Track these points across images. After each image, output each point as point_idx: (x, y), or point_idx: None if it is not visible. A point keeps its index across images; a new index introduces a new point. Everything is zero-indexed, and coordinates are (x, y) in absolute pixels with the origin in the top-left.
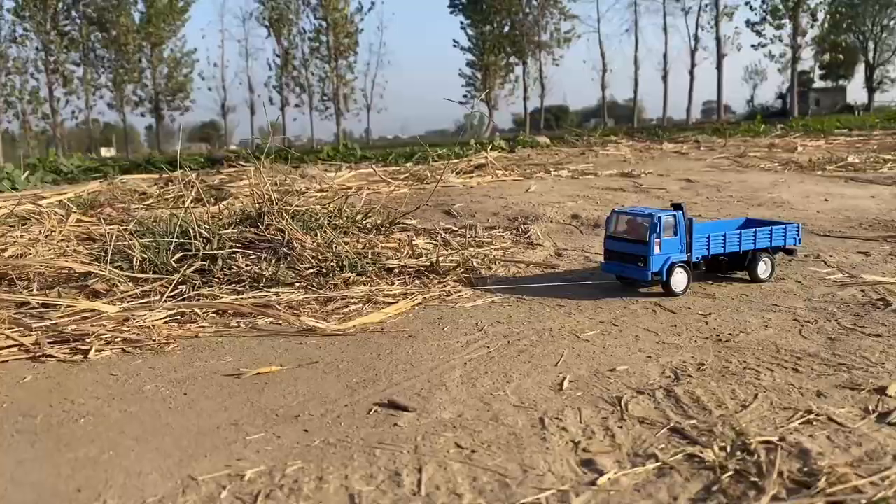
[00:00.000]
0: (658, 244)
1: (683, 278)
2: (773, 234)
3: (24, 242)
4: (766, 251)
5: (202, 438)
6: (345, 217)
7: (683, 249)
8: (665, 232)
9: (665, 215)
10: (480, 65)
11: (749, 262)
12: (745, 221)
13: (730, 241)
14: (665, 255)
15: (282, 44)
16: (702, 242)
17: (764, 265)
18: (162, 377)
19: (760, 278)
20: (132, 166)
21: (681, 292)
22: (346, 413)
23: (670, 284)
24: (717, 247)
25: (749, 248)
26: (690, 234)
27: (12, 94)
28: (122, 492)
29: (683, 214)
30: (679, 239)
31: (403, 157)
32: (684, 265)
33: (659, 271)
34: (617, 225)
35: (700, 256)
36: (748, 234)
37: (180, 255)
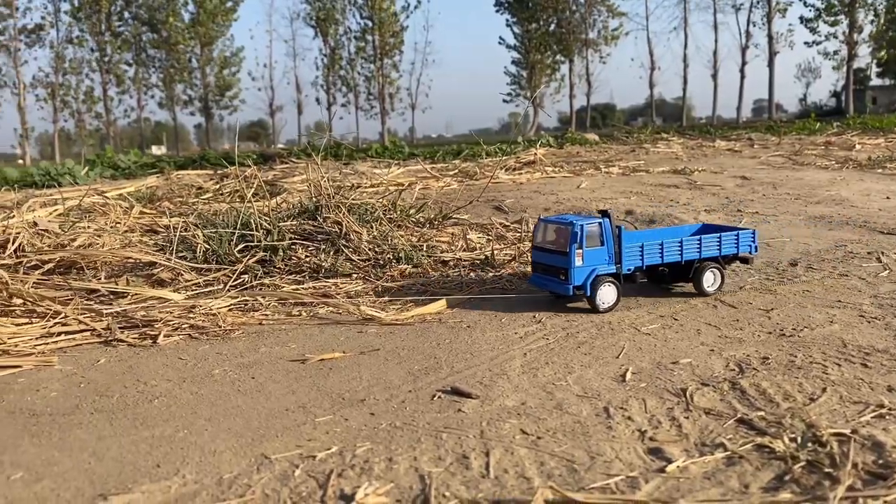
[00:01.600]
0: (580, 255)
1: (611, 293)
2: (723, 243)
3: (92, 233)
4: (715, 261)
5: (272, 420)
6: (398, 211)
7: (611, 261)
8: (589, 242)
9: (589, 223)
10: (526, 63)
11: (694, 272)
12: (701, 227)
13: (669, 250)
14: (589, 267)
15: (328, 43)
16: (634, 252)
17: (711, 276)
18: (229, 362)
19: (706, 291)
20: (187, 162)
21: (606, 309)
22: (411, 398)
23: (595, 300)
24: (652, 257)
25: (693, 257)
26: (619, 244)
27: (68, 93)
28: (199, 468)
29: (611, 222)
30: (606, 249)
31: (451, 154)
32: (613, 278)
33: (582, 285)
34: (542, 234)
35: (632, 268)
36: (691, 243)
37: (242, 246)
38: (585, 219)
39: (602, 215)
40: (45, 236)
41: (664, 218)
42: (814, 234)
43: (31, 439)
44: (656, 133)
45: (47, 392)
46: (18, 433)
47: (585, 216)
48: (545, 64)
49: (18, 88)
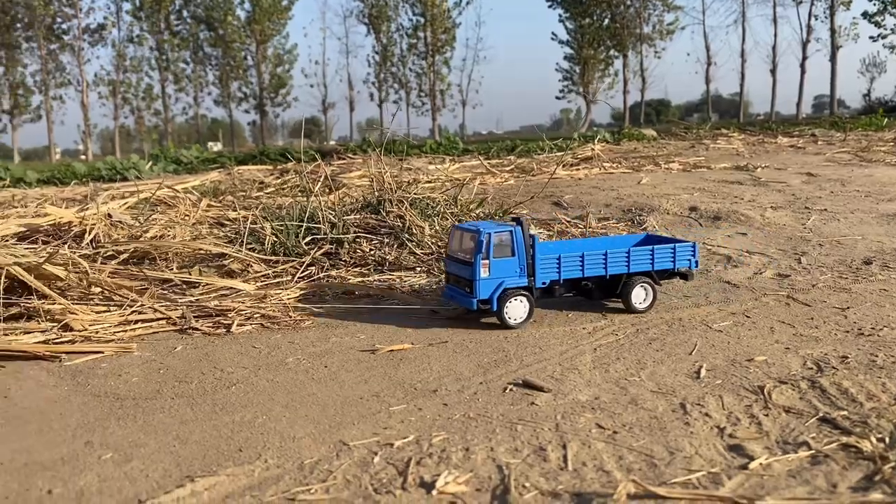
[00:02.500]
0: (486, 266)
1: (521, 308)
2: (656, 256)
3: (163, 225)
4: (647, 275)
5: (347, 408)
6: (459, 206)
7: (523, 273)
8: (497, 251)
9: (497, 231)
10: (579, 58)
11: (622, 288)
12: (644, 238)
13: (591, 263)
14: (496, 279)
15: (380, 40)
16: (549, 265)
17: (643, 293)
18: (301, 351)
19: (635, 308)
20: (247, 158)
21: (517, 325)
22: (482, 390)
23: (503, 315)
24: (571, 270)
25: (620, 271)
26: (532, 255)
27: (128, 90)
28: (280, 453)
29: (524, 230)
30: (517, 260)
31: (505, 149)
32: (525, 292)
33: (488, 299)
34: (454, 242)
35: (547, 281)
36: (617, 256)
37: (309, 239)
38: (495, 226)
39: (514, 223)
40: (120, 228)
41: (730, 215)
42: (887, 233)
43: (118, 422)
44: (716, 129)
45: (129, 377)
46: (105, 415)
47: (498, 223)
48: (598, 59)
49: (82, 86)
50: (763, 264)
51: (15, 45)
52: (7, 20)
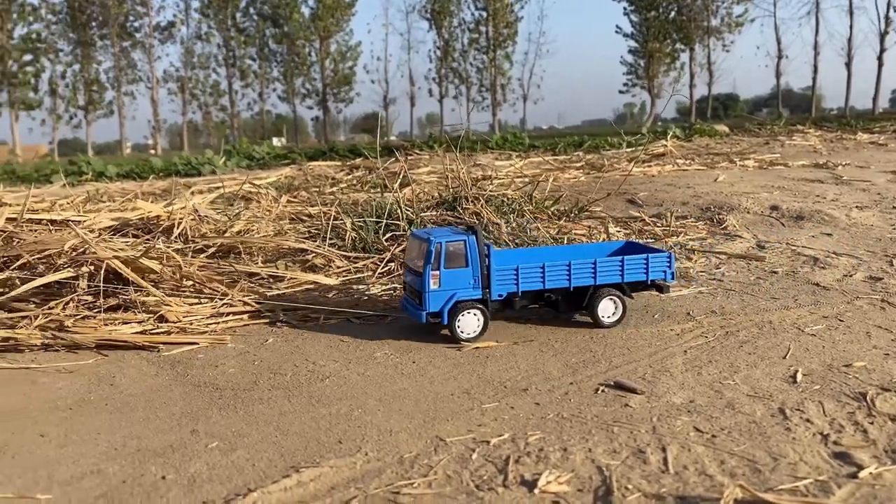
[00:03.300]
0: (436, 278)
1: (475, 322)
2: (626, 267)
3: (247, 220)
4: (618, 287)
5: (439, 403)
6: (534, 203)
7: (478, 284)
8: (450, 262)
9: (449, 240)
10: (644, 52)
11: (588, 300)
12: (623, 246)
13: (552, 274)
14: (448, 291)
15: (442, 35)
16: (507, 276)
17: (611, 306)
18: (389, 345)
19: (601, 322)
20: (317, 153)
21: (469, 339)
22: (573, 390)
23: (454, 329)
24: (531, 281)
25: (586, 283)
26: (488, 266)
27: (196, 87)
28: (379, 446)
29: (478, 239)
30: (470, 271)
31: (572, 145)
32: (479, 305)
33: (438, 312)
34: (410, 249)
35: (504, 293)
36: (581, 266)
37: (390, 235)
38: (447, 235)
39: (469, 231)
40: (206, 222)
41: (813, 214)
42: None
43: (220, 412)
44: (790, 125)
45: (225, 368)
46: (207, 405)
47: (452, 230)
48: (664, 53)
49: (152, 83)
50: (852, 266)
51: (90, 42)
52: (83, 19)
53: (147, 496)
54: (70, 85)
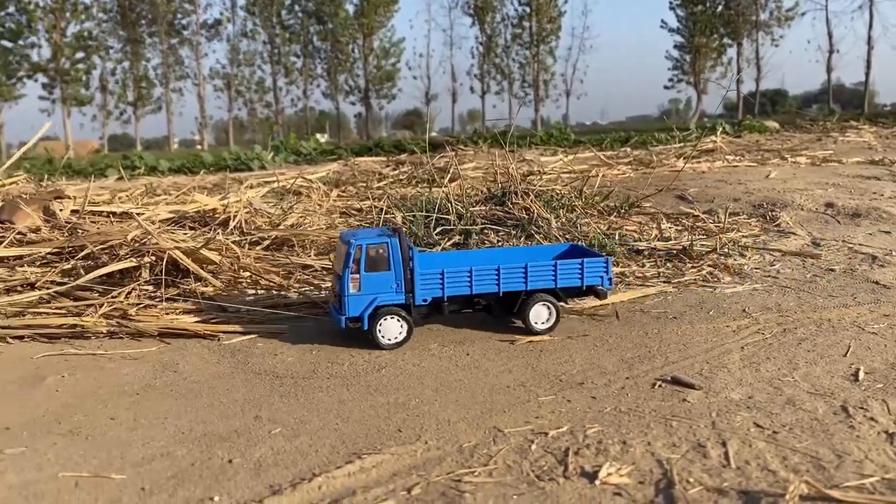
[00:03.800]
0: (355, 281)
1: (396, 327)
2: (559, 272)
3: (300, 213)
4: (552, 293)
5: (495, 395)
6: (584, 198)
7: (401, 289)
8: (371, 265)
9: (370, 242)
10: (690, 47)
11: (519, 305)
12: (569, 248)
13: (480, 278)
14: (369, 295)
15: (485, 31)
16: (431, 280)
17: (545, 311)
18: (442, 337)
19: (534, 328)
20: (362, 149)
21: (391, 346)
22: (630, 385)
23: (375, 335)
24: (457, 286)
25: (516, 288)
26: (411, 269)
27: (242, 83)
28: (438, 435)
29: (401, 241)
30: (393, 275)
31: (618, 141)
32: (402, 311)
33: (359, 317)
34: (337, 252)
35: (429, 298)
36: (512, 271)
37: (440, 230)
38: (369, 237)
39: (392, 232)
40: (260, 215)
41: (870, 212)
42: None
43: (281, 399)
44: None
45: (284, 357)
46: (268, 392)
47: (379, 231)
48: (710, 48)
49: (199, 79)
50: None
51: (139, 40)
52: (133, 17)
53: (215, 478)
54: (120, 81)
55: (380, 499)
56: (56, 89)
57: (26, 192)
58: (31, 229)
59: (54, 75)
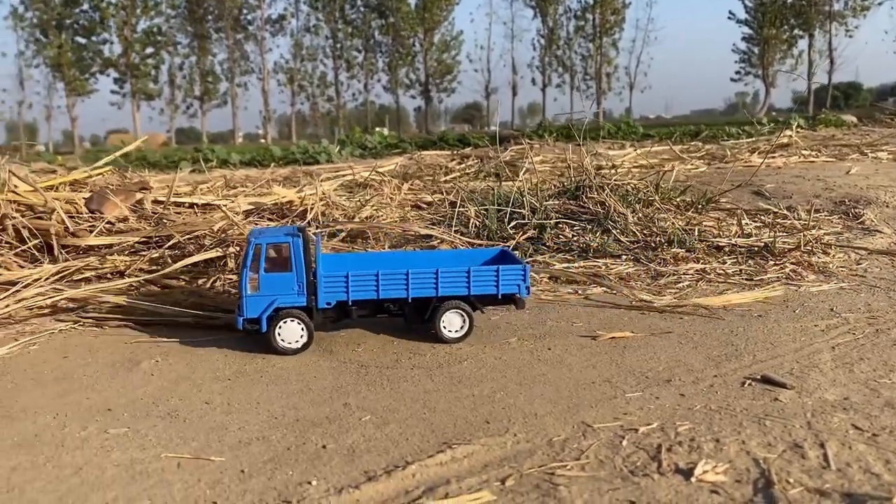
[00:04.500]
0: (254, 281)
1: (297, 331)
2: (473, 279)
3: (373, 206)
4: (464, 300)
5: (581, 391)
6: (660, 193)
7: (302, 291)
8: (270, 265)
9: (270, 241)
10: (759, 38)
11: (430, 312)
12: (498, 254)
13: (388, 282)
14: (268, 296)
15: (547, 23)
16: (336, 283)
17: (457, 319)
18: (521, 332)
19: (445, 337)
20: (426, 143)
21: (292, 351)
22: (719, 383)
23: (274, 338)
24: (363, 290)
25: (426, 294)
26: (313, 271)
27: (305, 78)
28: (526, 428)
29: (304, 241)
30: (294, 276)
31: (688, 135)
32: (303, 314)
33: (257, 319)
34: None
35: (333, 302)
36: (422, 276)
37: (514, 223)
38: (270, 236)
39: (296, 232)
40: (336, 208)
41: None
42: None
43: (368, 387)
44: None
45: (367, 347)
46: (355, 381)
47: (284, 230)
48: (781, 39)
49: (263, 74)
50: None
51: (206, 35)
52: (200, 13)
53: (311, 463)
54: (187, 76)
55: (474, 488)
56: (126, 84)
57: (112, 183)
58: (118, 219)
59: (125, 70)
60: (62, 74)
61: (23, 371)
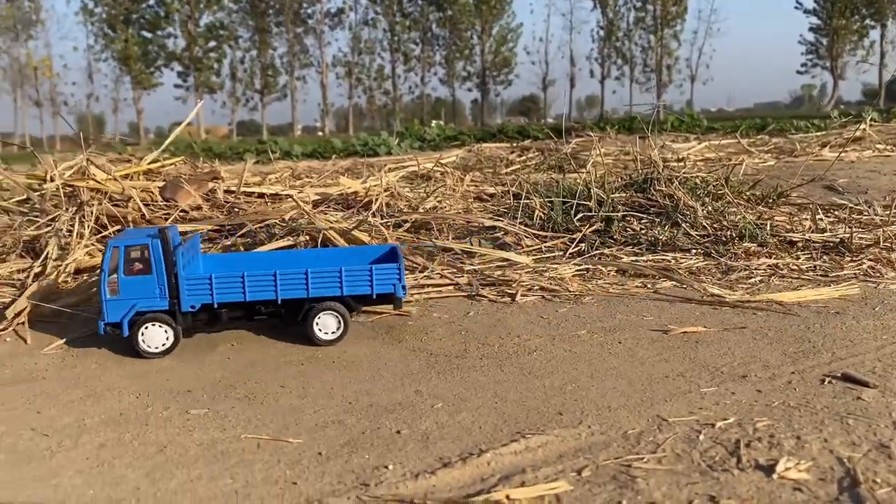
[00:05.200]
0: (113, 284)
1: (161, 335)
2: (345, 279)
3: (437, 197)
4: (338, 301)
5: (654, 384)
6: (729, 187)
7: (164, 294)
8: (129, 267)
9: (128, 243)
10: (827, 29)
11: (303, 314)
12: (389, 251)
13: (254, 284)
14: (129, 300)
15: (606, 15)
16: (199, 286)
17: (331, 321)
18: (590, 325)
19: (318, 339)
20: (485, 135)
21: (155, 355)
22: (797, 380)
23: (137, 342)
24: (228, 292)
25: (297, 295)
26: (174, 273)
27: (362, 71)
28: (600, 421)
29: (165, 243)
30: (155, 278)
31: (753, 128)
32: (167, 317)
33: (118, 323)
34: None
35: (197, 305)
36: (290, 277)
37: (581, 216)
38: (130, 238)
39: (157, 234)
40: (400, 198)
41: None
42: None
43: (438, 375)
44: None
45: (435, 336)
46: (425, 369)
47: (147, 232)
48: (851, 30)
49: (322, 67)
50: None
51: (267, 29)
52: (262, 7)
53: (386, 447)
54: (248, 69)
55: (550, 478)
56: (190, 77)
57: (184, 173)
58: (192, 207)
59: (188, 64)
60: (129, 68)
61: (104, 352)
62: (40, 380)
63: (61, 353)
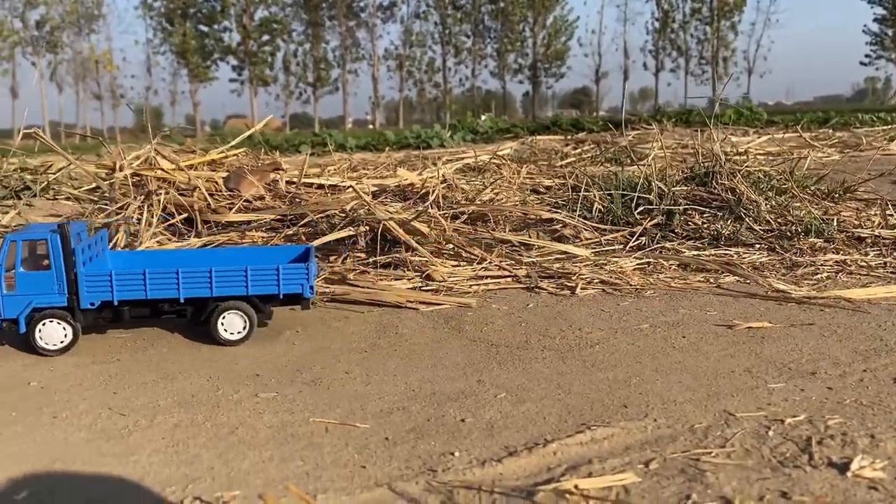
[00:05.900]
0: (9, 280)
1: (58, 332)
2: (251, 278)
3: (493, 188)
4: (245, 300)
5: (720, 379)
6: (794, 181)
7: (63, 290)
8: (28, 262)
9: (26, 238)
10: (893, 19)
11: (207, 313)
12: (304, 251)
13: (155, 281)
14: (26, 296)
15: (661, 6)
16: (99, 282)
17: (237, 321)
18: (653, 319)
19: (222, 339)
20: (538, 127)
21: (55, 350)
22: (869, 378)
23: (35, 339)
24: (129, 289)
25: (200, 294)
26: (73, 269)
27: (413, 64)
28: (666, 414)
29: (64, 238)
30: (54, 274)
31: (815, 121)
32: (65, 314)
33: (14, 319)
34: None
35: (97, 302)
36: (193, 275)
37: (642, 209)
38: (27, 232)
39: (56, 228)
40: (456, 190)
41: None
42: None
43: (499, 366)
44: None
45: (495, 327)
46: (486, 358)
47: (50, 226)
48: None
49: (373, 60)
50: None
51: (320, 23)
52: (315, 1)
53: (451, 435)
54: (301, 63)
55: (617, 469)
56: (245, 70)
57: (246, 164)
58: (255, 197)
59: (243, 57)
60: (186, 61)
61: (176, 336)
62: (115, 361)
63: (132, 336)
